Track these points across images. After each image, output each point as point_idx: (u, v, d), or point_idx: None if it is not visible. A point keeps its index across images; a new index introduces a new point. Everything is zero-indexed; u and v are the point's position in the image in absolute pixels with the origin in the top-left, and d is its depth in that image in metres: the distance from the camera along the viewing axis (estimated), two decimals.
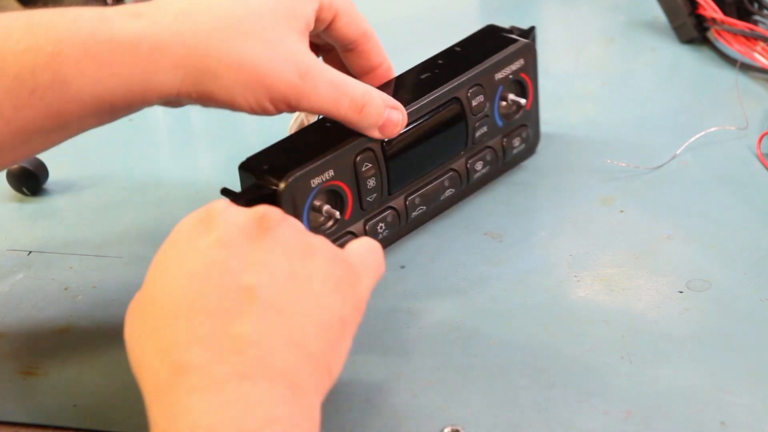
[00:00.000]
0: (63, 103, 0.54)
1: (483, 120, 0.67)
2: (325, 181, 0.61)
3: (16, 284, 0.66)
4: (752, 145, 0.73)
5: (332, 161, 0.61)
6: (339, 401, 0.55)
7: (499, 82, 0.67)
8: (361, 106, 0.60)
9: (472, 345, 0.58)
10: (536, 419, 0.53)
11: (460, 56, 0.68)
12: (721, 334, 0.57)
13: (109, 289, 0.65)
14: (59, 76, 0.54)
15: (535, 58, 0.69)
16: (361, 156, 0.62)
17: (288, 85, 0.57)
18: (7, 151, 0.55)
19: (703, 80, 0.84)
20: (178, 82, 0.56)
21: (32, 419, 0.56)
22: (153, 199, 0.75)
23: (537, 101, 0.71)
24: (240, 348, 0.44)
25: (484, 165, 0.69)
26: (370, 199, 0.64)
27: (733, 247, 0.64)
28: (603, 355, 0.56)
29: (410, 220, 0.66)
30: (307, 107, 0.58)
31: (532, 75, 0.69)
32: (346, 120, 0.60)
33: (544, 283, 0.62)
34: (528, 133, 0.71)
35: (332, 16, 0.61)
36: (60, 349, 0.60)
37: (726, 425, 0.51)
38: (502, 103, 0.69)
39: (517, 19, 1.00)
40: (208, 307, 0.46)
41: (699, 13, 0.87)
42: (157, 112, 0.88)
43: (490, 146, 0.69)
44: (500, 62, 0.67)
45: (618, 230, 0.66)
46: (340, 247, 0.52)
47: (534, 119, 0.71)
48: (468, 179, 0.68)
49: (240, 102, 0.57)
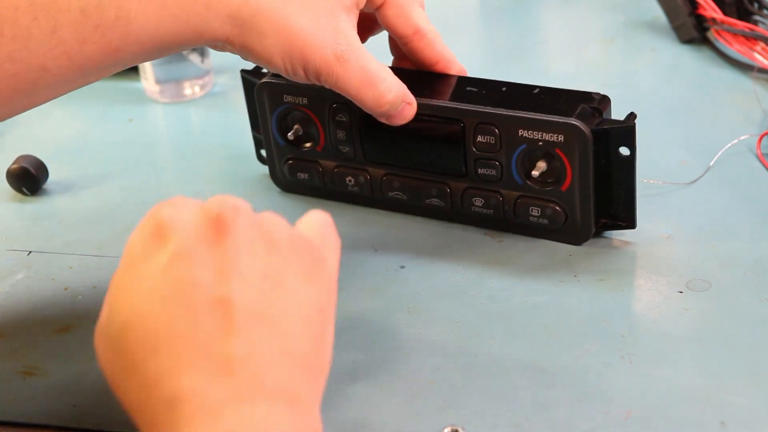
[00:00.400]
0: (122, 41, 0.55)
1: (490, 162, 0.64)
2: (298, 104, 0.68)
3: (16, 284, 0.66)
4: (752, 145, 0.73)
5: (308, 91, 0.67)
6: (339, 402, 0.55)
7: (522, 140, 0.62)
8: (384, 102, 0.61)
9: (472, 345, 0.58)
10: (536, 419, 0.53)
11: (521, 95, 0.64)
12: (721, 334, 0.57)
13: None
14: (122, 12, 0.55)
15: (584, 145, 0.61)
16: (338, 106, 0.66)
17: (323, 61, 0.59)
18: (65, 84, 0.56)
19: (703, 80, 0.85)
20: (227, 31, 0.57)
21: (32, 419, 0.56)
22: (153, 199, 0.74)
23: (588, 193, 0.62)
24: (231, 368, 0.43)
25: (485, 205, 0.66)
26: (342, 148, 0.68)
27: (733, 247, 0.64)
28: (603, 355, 0.56)
29: (386, 198, 0.69)
30: (334, 86, 0.60)
31: (574, 158, 0.61)
32: (365, 106, 0.61)
33: (544, 283, 0.62)
34: (554, 213, 0.64)
35: (382, 2, 0.63)
36: (60, 349, 0.60)
37: (726, 425, 0.51)
38: (527, 163, 0.63)
39: (517, 19, 1.00)
40: (187, 331, 0.43)
41: (699, 13, 0.87)
42: (158, 112, 0.88)
43: (498, 193, 0.65)
44: (531, 122, 0.62)
45: (618, 230, 0.66)
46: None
47: (573, 204, 0.63)
48: (462, 205, 0.66)
49: (278, 63, 0.59)
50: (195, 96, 0.89)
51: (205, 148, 0.82)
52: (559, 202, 0.63)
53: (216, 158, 0.80)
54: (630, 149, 0.61)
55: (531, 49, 0.95)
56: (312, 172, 0.70)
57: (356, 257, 0.66)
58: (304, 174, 0.71)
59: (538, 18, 1.01)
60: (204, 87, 0.90)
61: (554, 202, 0.64)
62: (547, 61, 0.93)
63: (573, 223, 0.64)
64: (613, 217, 0.64)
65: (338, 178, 0.69)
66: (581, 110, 0.61)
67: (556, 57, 0.93)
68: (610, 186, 0.63)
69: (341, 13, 0.59)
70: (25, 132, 0.86)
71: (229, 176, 0.77)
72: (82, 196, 0.76)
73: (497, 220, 0.66)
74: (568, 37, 0.97)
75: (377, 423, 0.53)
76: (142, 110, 0.88)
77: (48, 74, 0.54)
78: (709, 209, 0.68)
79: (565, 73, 0.89)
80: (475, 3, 1.05)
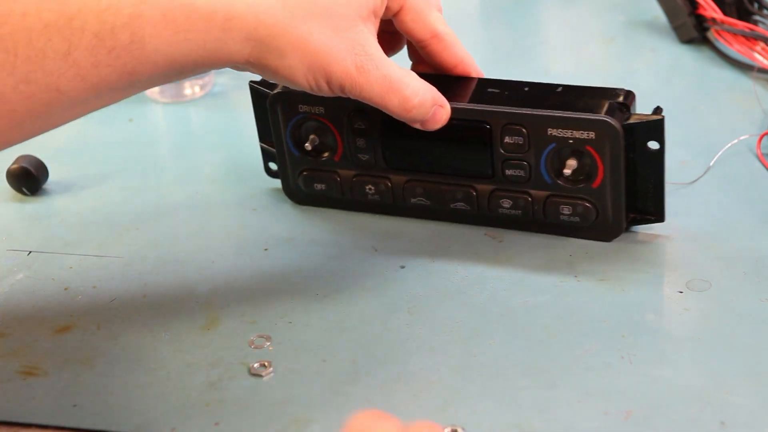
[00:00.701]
0: (138, 63, 0.56)
1: (518, 163, 0.64)
2: (314, 113, 0.67)
3: (16, 284, 0.66)
4: (752, 145, 0.73)
5: (324, 100, 0.65)
6: (339, 402, 0.55)
7: (552, 139, 0.62)
8: (411, 107, 0.60)
9: (472, 345, 0.58)
10: (536, 419, 0.53)
11: (545, 94, 0.64)
12: (721, 334, 0.57)
13: (109, 289, 0.65)
14: (137, 36, 0.55)
15: (616, 141, 0.61)
16: (357, 113, 0.65)
17: (345, 74, 0.59)
18: (79, 106, 0.56)
19: (703, 80, 0.85)
20: (246, 53, 0.57)
21: (32, 419, 0.56)
22: (153, 199, 0.75)
23: (620, 189, 0.63)
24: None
25: (513, 207, 0.65)
26: (361, 156, 0.67)
27: (733, 247, 0.64)
28: (603, 355, 0.56)
29: (408, 205, 0.68)
30: (359, 97, 0.60)
31: (606, 155, 0.62)
32: (393, 114, 0.61)
33: (544, 283, 0.62)
34: (585, 210, 0.64)
35: (399, 8, 0.63)
36: (60, 349, 0.60)
37: (726, 425, 0.51)
38: (555, 162, 0.63)
39: (517, 19, 1.00)
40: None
41: (699, 13, 0.87)
42: (158, 112, 0.88)
43: (527, 193, 0.65)
44: (560, 120, 0.61)
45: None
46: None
47: (604, 201, 0.63)
48: (489, 208, 0.66)
49: (301, 81, 0.59)
50: (195, 96, 0.89)
51: (205, 148, 0.82)
52: (590, 199, 0.63)
53: (216, 158, 0.80)
54: (659, 143, 0.62)
55: (531, 49, 0.95)
56: (330, 182, 0.69)
57: (356, 257, 0.66)
58: (321, 185, 0.69)
59: (538, 18, 1.01)
60: (204, 87, 0.90)
61: (585, 199, 0.64)
62: (547, 61, 0.93)
63: (604, 220, 0.64)
64: (641, 212, 0.65)
65: (358, 186, 0.68)
66: (609, 106, 0.62)
67: (556, 57, 0.93)
68: (638, 180, 0.63)
69: (358, 24, 0.59)
70: None
71: (229, 176, 0.77)
72: (82, 196, 0.76)
73: (525, 221, 0.66)
74: (568, 37, 0.97)
75: None
76: (142, 110, 0.88)
77: (62, 96, 0.54)
78: (709, 209, 0.68)
79: (565, 73, 0.89)
80: (475, 3, 1.05)
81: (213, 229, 0.71)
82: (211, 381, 0.57)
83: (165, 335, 0.61)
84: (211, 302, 0.63)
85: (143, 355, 0.59)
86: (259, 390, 0.56)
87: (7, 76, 0.51)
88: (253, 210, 0.72)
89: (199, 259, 0.67)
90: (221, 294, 0.64)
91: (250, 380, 0.57)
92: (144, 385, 0.57)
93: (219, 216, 0.72)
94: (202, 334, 0.60)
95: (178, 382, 0.57)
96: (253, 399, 0.55)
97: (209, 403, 0.55)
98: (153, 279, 0.66)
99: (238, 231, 0.70)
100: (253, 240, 0.69)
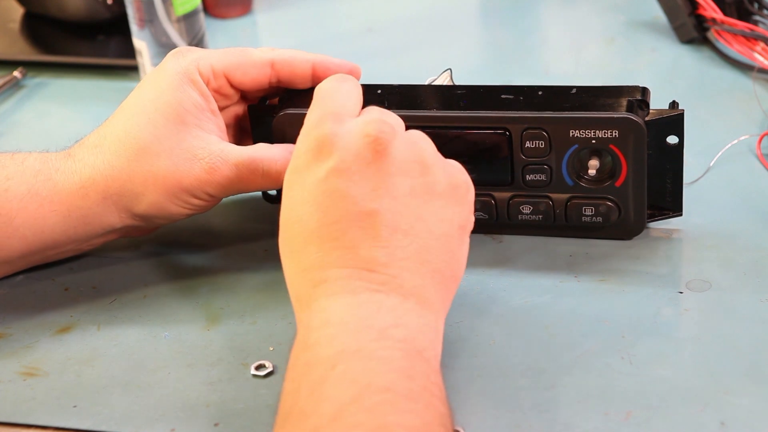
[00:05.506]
0: (5, 238, 0.59)
1: (540, 167, 0.63)
2: None
3: (16, 284, 0.66)
4: (752, 145, 0.73)
5: None
6: None
7: (574, 140, 0.61)
8: (277, 175, 0.60)
9: (472, 345, 0.58)
10: (536, 420, 0.53)
11: (561, 96, 0.63)
12: (721, 334, 0.57)
13: (109, 289, 0.65)
14: (3, 211, 0.58)
15: (640, 138, 0.61)
16: None
17: (200, 181, 0.60)
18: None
19: (703, 80, 0.85)
20: (114, 213, 0.60)
21: (32, 419, 0.56)
22: None
23: (642, 185, 0.62)
24: (372, 268, 0.49)
25: (533, 212, 0.64)
26: None
27: (733, 247, 0.64)
28: (603, 355, 0.56)
29: None
30: (227, 193, 0.61)
31: (629, 153, 0.61)
32: (268, 189, 0.62)
33: (544, 283, 0.62)
34: (608, 209, 0.63)
35: (223, 76, 0.62)
36: (60, 349, 0.60)
37: (726, 425, 0.51)
38: (577, 163, 0.63)
39: (517, 19, 1.00)
40: (334, 235, 0.50)
41: (699, 14, 0.87)
42: None
43: (548, 197, 0.64)
44: (582, 121, 0.61)
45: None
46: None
47: (626, 199, 0.63)
48: (509, 215, 0.65)
49: (173, 209, 0.60)
50: None
51: None
52: (613, 198, 0.63)
53: None
54: (679, 137, 0.62)
55: (531, 49, 0.95)
56: None
57: None
58: None
59: (538, 18, 1.01)
60: None
61: (607, 198, 0.63)
62: (547, 61, 0.93)
63: (626, 218, 0.64)
64: (658, 207, 0.65)
65: None
66: (629, 104, 0.61)
67: (556, 57, 0.93)
68: (656, 176, 0.63)
69: (188, 126, 0.60)
70: (25, 132, 0.86)
71: None
72: None
73: (545, 226, 0.65)
74: (568, 37, 0.97)
75: None
76: None
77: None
78: (709, 209, 0.68)
79: (565, 73, 0.89)
80: (475, 3, 1.05)
81: (213, 229, 0.71)
82: (211, 381, 0.57)
83: (165, 335, 0.61)
84: (211, 302, 0.63)
85: (143, 355, 0.59)
86: (259, 390, 0.56)
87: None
88: (254, 210, 0.72)
89: (199, 259, 0.67)
90: (221, 294, 0.64)
91: (250, 380, 0.57)
92: (144, 385, 0.57)
93: (219, 216, 0.72)
94: (202, 334, 0.60)
95: (178, 382, 0.57)
96: (253, 399, 0.55)
97: (209, 403, 0.55)
98: (153, 279, 0.66)
99: (238, 231, 0.70)
100: (253, 240, 0.69)
